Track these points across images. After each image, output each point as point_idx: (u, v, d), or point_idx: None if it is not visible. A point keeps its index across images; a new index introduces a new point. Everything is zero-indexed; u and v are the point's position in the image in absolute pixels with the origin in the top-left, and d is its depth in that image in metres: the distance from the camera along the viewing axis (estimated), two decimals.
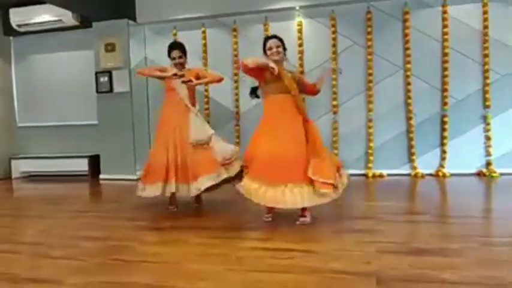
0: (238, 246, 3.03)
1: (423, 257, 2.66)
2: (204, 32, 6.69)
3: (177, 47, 4.43)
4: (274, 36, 3.73)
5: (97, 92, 6.74)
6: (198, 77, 4.29)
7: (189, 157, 4.01)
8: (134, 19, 6.72)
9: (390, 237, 3.17)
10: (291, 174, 3.35)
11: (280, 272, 2.50)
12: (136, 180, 6.56)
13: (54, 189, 6.32)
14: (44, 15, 6.94)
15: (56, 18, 6.90)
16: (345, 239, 3.13)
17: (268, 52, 3.67)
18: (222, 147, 4.01)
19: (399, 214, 3.92)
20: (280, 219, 3.64)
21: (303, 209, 3.55)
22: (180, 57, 4.38)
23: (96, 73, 6.72)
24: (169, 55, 4.44)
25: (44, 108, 7.56)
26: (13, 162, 7.39)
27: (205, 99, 6.73)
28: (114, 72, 6.64)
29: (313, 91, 3.79)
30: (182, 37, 6.79)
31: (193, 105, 4.31)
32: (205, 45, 6.70)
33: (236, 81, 6.58)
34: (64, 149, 7.39)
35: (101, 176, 6.86)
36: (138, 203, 4.83)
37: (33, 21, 6.99)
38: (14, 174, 7.39)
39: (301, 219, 3.54)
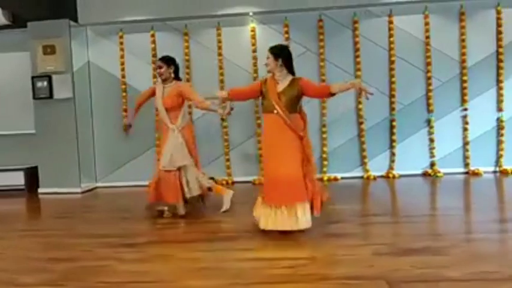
0: (229, 258, 2.90)
1: (419, 257, 2.73)
2: (153, 35, 6.41)
3: (160, 58, 4.41)
4: (270, 48, 3.63)
5: (34, 98, 6.13)
6: (180, 95, 4.27)
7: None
8: (75, 19, 6.25)
9: (376, 239, 3.24)
10: (284, 196, 3.31)
11: (290, 282, 2.42)
12: (83, 193, 6.10)
13: None
14: None
15: None
16: (334, 243, 3.13)
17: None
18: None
19: (369, 216, 4.04)
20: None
21: None
22: (159, 67, 4.31)
23: (33, 77, 6.12)
24: None
25: None
26: None
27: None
28: (54, 77, 6.10)
29: (323, 93, 3.60)
30: (129, 40, 6.48)
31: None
32: (154, 49, 6.42)
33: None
34: None
35: (40, 190, 6.24)
36: (93, 218, 4.48)
37: None
38: None
39: None
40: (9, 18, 6.31)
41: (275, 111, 3.41)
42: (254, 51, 6.27)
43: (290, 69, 3.59)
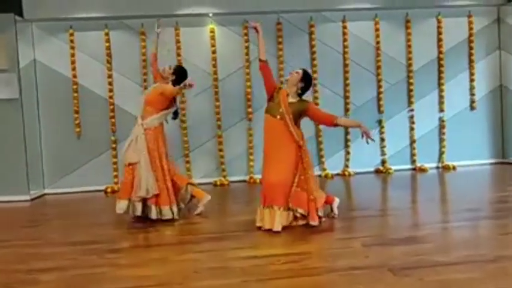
0: (228, 257, 2.90)
1: (409, 246, 2.93)
2: (107, 34, 6.15)
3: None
4: (304, 69, 3.87)
5: None
6: (162, 94, 4.25)
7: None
8: (20, 14, 5.81)
9: (361, 232, 3.40)
10: (271, 198, 3.45)
11: (300, 275, 2.49)
12: (32, 200, 5.69)
13: None
14: None
15: None
16: (325, 238, 3.25)
17: None
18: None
19: (346, 211, 4.18)
20: (246, 226, 3.57)
21: None
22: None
23: None
24: None
25: None
26: None
27: (111, 107, 6.18)
28: None
29: (328, 121, 3.82)
30: (80, 38, 6.16)
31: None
32: (109, 48, 6.15)
33: (146, 88, 6.19)
34: None
35: None
36: (60, 225, 4.21)
37: None
38: None
39: None
40: None
41: (278, 117, 3.56)
42: (213, 52, 6.26)
43: (301, 94, 3.78)
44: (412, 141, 6.57)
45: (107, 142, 6.21)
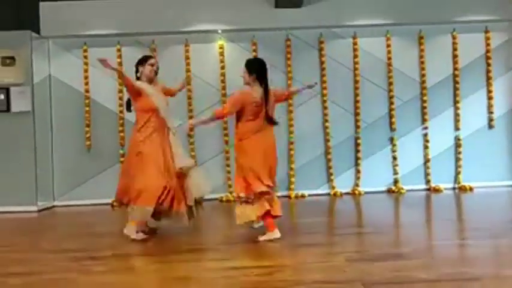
0: (201, 268, 2.79)
1: (391, 262, 2.75)
2: (119, 50, 6.31)
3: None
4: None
5: None
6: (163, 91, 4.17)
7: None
8: (38, 31, 6.06)
9: (346, 248, 3.23)
10: None
11: None
12: (40, 211, 5.78)
13: None
14: None
15: None
16: (306, 252, 3.09)
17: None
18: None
19: (337, 228, 4.08)
20: (233, 238, 3.47)
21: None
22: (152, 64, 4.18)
23: None
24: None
25: None
26: None
27: (120, 121, 6.28)
28: (12, 89, 5.84)
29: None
30: (93, 54, 6.32)
31: None
32: (120, 64, 6.29)
33: None
34: None
35: None
36: (55, 234, 4.25)
37: None
38: None
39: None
40: None
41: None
42: (222, 68, 6.29)
43: (263, 82, 3.79)
44: (426, 161, 6.30)
45: (116, 155, 6.28)
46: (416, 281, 2.36)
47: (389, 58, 6.30)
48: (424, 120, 6.30)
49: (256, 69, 3.69)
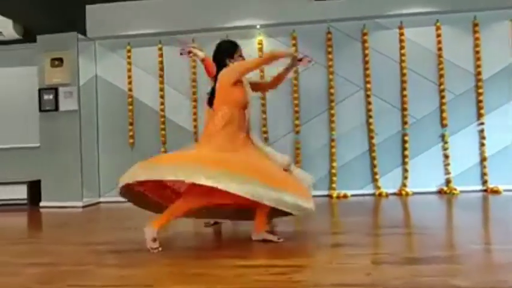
0: (215, 264, 2.66)
1: (424, 266, 2.46)
2: (160, 49, 6.39)
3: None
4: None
5: (40, 110, 6.12)
6: None
7: None
8: (84, 33, 6.29)
9: (379, 249, 2.99)
10: None
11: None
12: (85, 207, 5.97)
13: None
14: None
15: None
16: (331, 253, 2.87)
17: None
18: None
19: (374, 228, 3.82)
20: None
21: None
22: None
23: (40, 90, 6.13)
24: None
25: None
26: None
27: (161, 119, 6.35)
28: (60, 89, 6.10)
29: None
30: (137, 54, 6.47)
31: None
32: (161, 62, 6.38)
33: (195, 101, 6.28)
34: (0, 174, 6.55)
35: (42, 204, 6.14)
36: (90, 228, 4.33)
37: None
38: None
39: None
40: (20, 32, 6.41)
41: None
42: None
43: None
44: (483, 159, 5.76)
45: (157, 153, 6.34)
46: (444, 287, 2.07)
47: (439, 49, 5.85)
48: (479, 116, 5.77)
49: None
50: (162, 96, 6.37)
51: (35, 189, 6.26)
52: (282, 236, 3.20)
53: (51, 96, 6.10)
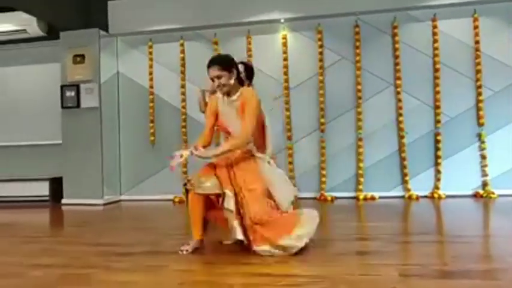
0: (225, 273, 2.47)
1: (456, 280, 2.18)
2: (182, 44, 6.25)
3: (215, 63, 2.97)
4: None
5: (62, 107, 6.10)
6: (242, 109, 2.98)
7: None
8: (106, 29, 6.23)
9: (407, 259, 2.72)
10: None
11: None
12: (105, 205, 5.91)
13: (7, 214, 5.57)
14: (5, 25, 6.35)
15: (19, 28, 6.33)
16: (352, 262, 2.62)
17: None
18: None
19: (403, 235, 3.52)
20: None
21: None
22: (218, 77, 2.93)
23: (62, 86, 6.11)
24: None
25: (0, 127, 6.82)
26: None
27: (183, 117, 6.22)
28: (82, 86, 6.06)
29: None
30: (158, 50, 6.36)
31: None
32: (183, 58, 6.25)
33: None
34: (21, 171, 6.59)
35: (63, 201, 6.12)
36: (109, 228, 4.23)
37: None
38: None
39: None
40: (44, 29, 6.42)
41: None
42: (285, 59, 5.93)
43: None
44: None
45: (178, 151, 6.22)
46: None
47: (476, 42, 5.45)
48: None
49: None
50: (183, 93, 6.24)
51: (56, 186, 6.25)
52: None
53: (73, 93, 6.07)
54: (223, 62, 2.96)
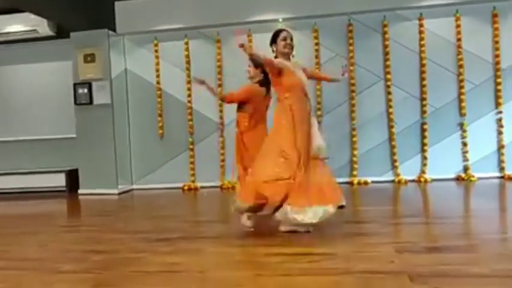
0: (257, 253, 3.00)
1: (444, 254, 2.75)
2: (186, 43, 6.66)
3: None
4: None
5: (76, 104, 6.50)
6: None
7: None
8: (114, 29, 6.59)
9: (401, 238, 3.28)
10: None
11: (312, 274, 2.50)
12: (120, 194, 6.37)
13: (32, 205, 6.01)
14: (16, 25, 6.66)
15: (30, 28, 6.64)
16: (356, 241, 3.17)
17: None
18: None
19: (395, 217, 4.10)
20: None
21: None
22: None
23: (75, 84, 6.49)
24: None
25: (18, 122, 7.18)
26: None
27: (189, 111, 6.67)
28: (94, 84, 6.45)
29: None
30: (164, 48, 6.76)
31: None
32: (188, 56, 6.66)
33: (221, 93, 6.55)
34: (40, 164, 7.01)
35: (80, 191, 6.58)
36: (132, 216, 4.72)
37: (5, 31, 6.69)
38: None
39: None
40: (54, 29, 6.74)
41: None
42: None
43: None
44: (500, 147, 5.96)
45: (185, 143, 6.71)
46: (465, 275, 2.36)
47: (459, 39, 6.00)
48: (497, 105, 5.94)
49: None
50: (189, 88, 6.67)
51: (72, 177, 6.70)
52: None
53: (85, 90, 6.46)
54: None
